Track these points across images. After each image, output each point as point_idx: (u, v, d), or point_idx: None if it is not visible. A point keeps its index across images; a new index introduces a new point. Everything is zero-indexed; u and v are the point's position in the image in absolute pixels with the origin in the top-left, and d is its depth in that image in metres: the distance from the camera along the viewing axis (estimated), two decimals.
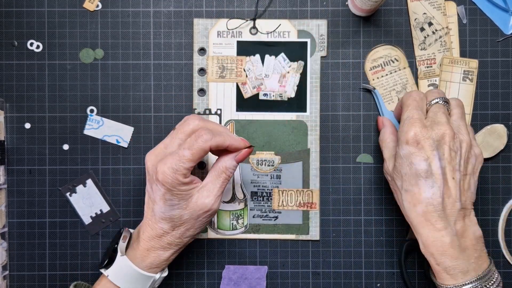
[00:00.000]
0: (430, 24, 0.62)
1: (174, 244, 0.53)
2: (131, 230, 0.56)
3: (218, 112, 0.62)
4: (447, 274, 0.49)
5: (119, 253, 0.52)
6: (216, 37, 0.62)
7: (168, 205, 0.50)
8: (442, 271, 0.50)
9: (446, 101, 0.53)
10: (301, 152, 0.62)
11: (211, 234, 0.62)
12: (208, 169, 0.62)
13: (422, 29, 0.62)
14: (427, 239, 0.50)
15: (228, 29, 0.62)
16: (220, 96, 0.62)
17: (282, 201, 0.62)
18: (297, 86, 0.62)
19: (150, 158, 0.51)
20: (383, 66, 0.62)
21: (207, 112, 0.62)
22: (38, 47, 0.62)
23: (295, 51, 0.62)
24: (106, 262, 0.53)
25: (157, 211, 0.51)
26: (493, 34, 0.62)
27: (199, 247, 0.62)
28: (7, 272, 0.62)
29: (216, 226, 0.62)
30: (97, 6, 0.62)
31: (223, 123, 0.62)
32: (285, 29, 0.62)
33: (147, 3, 0.62)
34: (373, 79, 0.62)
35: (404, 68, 0.62)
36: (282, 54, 0.62)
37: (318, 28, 0.62)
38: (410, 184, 0.50)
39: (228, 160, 0.52)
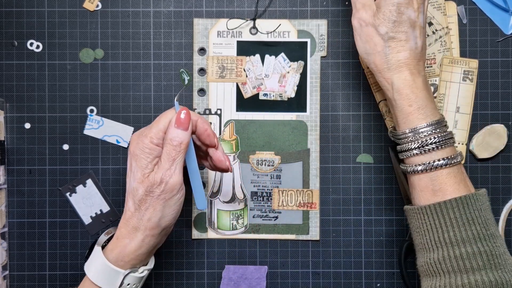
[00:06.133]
0: (430, 24, 0.62)
1: (141, 231, 0.50)
2: None
3: (218, 112, 0.62)
4: (419, 114, 0.51)
5: (96, 245, 0.52)
6: (216, 37, 0.62)
7: (132, 177, 0.50)
8: (414, 111, 0.51)
9: None
10: (301, 152, 0.62)
11: (211, 234, 0.62)
12: (207, 171, 0.62)
13: None
14: (404, 81, 0.51)
15: (228, 29, 0.62)
16: (220, 96, 0.62)
17: (282, 201, 0.62)
18: (297, 86, 0.62)
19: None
20: None
21: (207, 112, 0.62)
22: (38, 47, 0.62)
23: (295, 51, 0.62)
24: (87, 254, 0.52)
25: (127, 188, 0.51)
26: (493, 34, 0.62)
27: (199, 247, 0.62)
28: (7, 272, 0.62)
29: (216, 226, 0.62)
30: (97, 6, 0.62)
31: (223, 123, 0.62)
32: (285, 29, 0.62)
33: (147, 3, 0.62)
34: None
35: None
36: (282, 54, 0.62)
37: (318, 28, 0.62)
38: (398, 31, 0.51)
39: (169, 130, 0.50)
